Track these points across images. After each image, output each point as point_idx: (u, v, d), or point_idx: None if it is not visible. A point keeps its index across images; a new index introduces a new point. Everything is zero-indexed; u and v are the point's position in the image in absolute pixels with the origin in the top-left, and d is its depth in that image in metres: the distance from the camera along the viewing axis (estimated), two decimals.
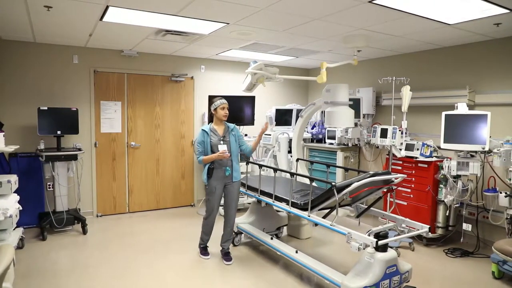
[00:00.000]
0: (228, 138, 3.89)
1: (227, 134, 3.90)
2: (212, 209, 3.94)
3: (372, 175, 3.15)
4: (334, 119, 4.10)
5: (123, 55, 5.60)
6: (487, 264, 3.87)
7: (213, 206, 3.93)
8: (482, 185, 4.30)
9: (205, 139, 3.81)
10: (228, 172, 3.86)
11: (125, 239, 4.64)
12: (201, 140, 3.82)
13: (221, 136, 3.87)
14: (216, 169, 3.83)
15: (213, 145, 3.80)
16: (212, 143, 3.80)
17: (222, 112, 3.86)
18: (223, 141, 3.85)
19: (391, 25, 3.84)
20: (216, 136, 3.85)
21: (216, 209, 3.96)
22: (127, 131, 5.77)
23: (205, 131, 3.84)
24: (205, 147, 3.80)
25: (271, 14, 3.51)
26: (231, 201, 3.97)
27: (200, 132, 3.87)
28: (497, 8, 3.19)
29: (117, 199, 5.75)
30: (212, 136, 3.84)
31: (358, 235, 2.92)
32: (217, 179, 3.84)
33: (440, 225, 4.45)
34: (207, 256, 4.04)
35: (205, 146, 3.80)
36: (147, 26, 4.08)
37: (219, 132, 3.89)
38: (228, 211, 4.01)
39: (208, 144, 3.80)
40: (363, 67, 5.97)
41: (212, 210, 3.94)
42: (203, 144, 3.81)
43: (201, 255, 4.05)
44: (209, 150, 3.80)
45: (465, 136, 4.04)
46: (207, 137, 3.82)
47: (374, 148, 5.73)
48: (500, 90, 4.34)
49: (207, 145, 3.80)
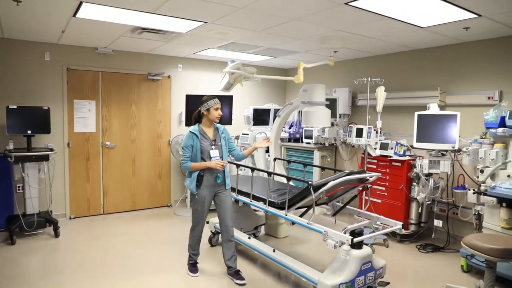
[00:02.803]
0: (219, 142, 3.49)
1: (217, 138, 3.50)
2: (200, 219, 3.55)
3: (347, 174, 3.20)
4: (311, 118, 4.14)
5: (98, 53, 5.47)
6: (456, 258, 4.02)
7: (201, 217, 3.53)
8: (452, 183, 4.47)
9: (194, 143, 3.37)
10: (219, 179, 3.46)
11: (100, 241, 4.55)
12: (189, 144, 3.37)
13: (212, 140, 3.46)
14: (206, 177, 3.41)
15: (203, 150, 3.38)
16: (202, 148, 3.38)
17: (216, 113, 3.41)
18: (214, 146, 3.44)
19: (367, 27, 3.93)
20: (206, 140, 3.43)
21: (204, 219, 3.58)
22: (102, 131, 5.64)
23: (194, 133, 3.39)
24: (194, 152, 3.38)
25: (249, 13, 3.52)
26: (226, 211, 3.54)
27: (188, 135, 3.40)
28: (466, 12, 3.31)
29: (91, 200, 5.62)
30: (202, 139, 3.40)
31: (334, 233, 2.96)
32: (207, 187, 3.44)
33: (413, 222, 4.59)
34: (195, 273, 3.60)
35: (194, 151, 3.37)
36: (123, 23, 4.00)
37: (209, 135, 3.47)
38: (225, 221, 3.55)
39: (197, 148, 3.36)
40: (339, 67, 6.07)
41: (200, 220, 3.55)
42: (191, 149, 3.37)
43: (189, 272, 3.63)
44: (198, 156, 3.38)
45: (436, 136, 4.17)
46: (197, 140, 3.37)
47: (350, 147, 5.84)
48: (468, 92, 4.51)
49: (196, 150, 3.36)
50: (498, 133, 3.67)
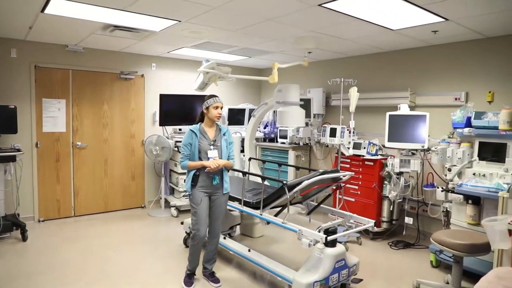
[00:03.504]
0: (219, 143, 3.37)
1: (218, 138, 3.39)
2: (200, 223, 3.30)
3: (321, 173, 3.25)
4: (285, 118, 4.17)
5: (68, 50, 5.31)
6: (426, 254, 4.15)
7: (200, 220, 3.30)
8: (422, 181, 4.61)
9: (193, 142, 3.29)
10: (216, 181, 3.32)
11: (71, 244, 4.41)
12: (188, 142, 3.30)
13: (211, 140, 3.34)
14: (202, 176, 3.29)
15: (201, 149, 3.28)
16: (200, 147, 3.28)
17: (215, 112, 3.32)
18: (213, 146, 3.33)
19: (340, 29, 3.99)
20: (206, 140, 3.32)
21: (204, 223, 3.33)
22: (72, 131, 5.48)
23: (194, 132, 3.31)
24: (192, 151, 3.30)
25: (223, 13, 3.51)
26: (218, 214, 3.43)
27: (188, 133, 3.34)
28: (434, 16, 3.43)
29: (62, 202, 5.45)
30: (201, 138, 3.31)
31: (308, 231, 3.00)
32: (202, 188, 3.31)
33: (385, 220, 4.70)
34: (189, 286, 3.37)
35: (192, 150, 3.30)
36: (94, 20, 3.90)
37: (210, 134, 3.37)
38: (213, 224, 3.44)
39: (196, 147, 3.28)
40: (313, 68, 6.14)
41: (199, 225, 3.29)
42: (190, 147, 3.29)
43: (183, 285, 3.38)
44: (196, 155, 3.29)
45: (407, 135, 4.29)
46: (196, 139, 3.29)
47: (324, 147, 5.92)
48: (437, 93, 4.67)
49: (194, 149, 3.28)
50: (464, 133, 3.82)
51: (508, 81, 4.05)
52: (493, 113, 3.68)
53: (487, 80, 4.22)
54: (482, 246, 2.89)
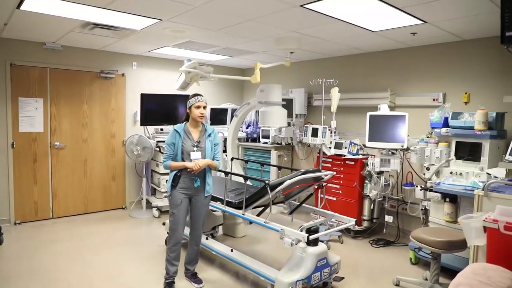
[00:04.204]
0: (203, 144, 3.27)
1: (203, 139, 3.29)
2: (177, 225, 3.25)
3: (303, 172, 3.27)
4: (268, 118, 4.18)
5: (46, 48, 5.18)
6: (406, 252, 4.23)
7: (178, 222, 3.24)
8: (402, 180, 4.70)
9: (176, 142, 3.21)
10: (197, 183, 3.24)
11: (50, 247, 4.31)
12: (171, 142, 3.22)
13: (195, 141, 3.25)
14: (183, 177, 3.22)
15: (184, 150, 3.20)
16: (183, 148, 3.20)
17: (196, 111, 3.23)
18: (197, 148, 3.23)
19: (321, 29, 4.03)
20: (189, 140, 3.23)
21: (181, 226, 3.28)
22: (50, 131, 5.35)
23: (177, 131, 3.22)
24: (175, 151, 3.22)
25: (205, 12, 3.49)
26: (198, 216, 3.35)
27: (172, 132, 3.25)
28: (413, 19, 3.50)
29: (39, 204, 5.31)
30: (185, 139, 3.23)
31: (290, 231, 3.02)
32: (183, 189, 3.23)
33: (366, 218, 4.77)
34: None
35: (175, 150, 3.21)
36: (73, 18, 3.81)
37: (194, 135, 3.27)
38: (194, 227, 3.39)
39: (179, 148, 3.20)
40: (295, 68, 6.17)
41: (176, 226, 3.25)
42: (173, 147, 3.21)
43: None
44: (179, 155, 3.20)
45: (387, 135, 4.37)
46: (179, 139, 3.21)
47: (306, 147, 5.96)
48: (416, 93, 4.77)
49: (177, 149, 3.20)
50: (442, 133, 3.91)
51: (483, 83, 4.18)
52: (469, 114, 3.78)
53: (463, 82, 4.34)
54: (459, 243, 2.98)
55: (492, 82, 4.10)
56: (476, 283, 1.54)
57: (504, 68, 3.94)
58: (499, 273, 1.65)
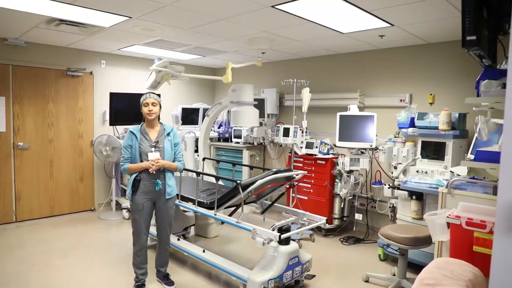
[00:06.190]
0: (162, 144, 3.15)
1: (161, 139, 3.17)
2: (139, 231, 3.15)
3: (275, 172, 3.29)
4: (239, 118, 4.18)
5: (8, 44, 4.95)
6: (375, 248, 4.34)
7: (140, 228, 3.14)
8: (371, 179, 4.82)
9: (133, 143, 3.08)
10: (158, 186, 3.11)
11: (14, 251, 4.13)
12: (128, 144, 3.09)
13: (153, 142, 3.13)
14: (143, 181, 3.09)
15: (141, 152, 3.07)
16: (141, 150, 3.07)
17: (145, 109, 3.12)
18: (155, 148, 3.11)
19: (292, 30, 4.07)
20: (146, 141, 3.11)
21: (144, 232, 3.18)
22: (13, 130, 5.12)
23: (133, 133, 3.11)
24: (132, 153, 3.09)
25: (176, 11, 3.45)
26: (163, 219, 3.24)
27: (127, 134, 3.13)
28: (381, 21, 3.59)
29: (1, 207, 5.07)
30: (142, 140, 3.10)
31: (262, 230, 3.03)
32: (144, 194, 3.11)
33: (336, 216, 4.86)
34: None
35: (133, 152, 3.08)
36: (37, 13, 3.66)
37: (151, 135, 3.15)
38: (160, 228, 3.29)
39: (136, 149, 3.07)
40: (267, 68, 6.20)
41: (139, 232, 3.15)
42: (130, 149, 3.08)
43: None
44: (137, 158, 3.07)
45: (356, 135, 4.47)
46: (136, 140, 3.08)
47: (278, 147, 6.00)
48: (384, 94, 4.90)
49: (135, 151, 3.07)
50: (408, 133, 4.04)
51: (447, 84, 4.35)
52: (434, 114, 3.93)
53: (428, 83, 4.50)
54: (424, 238, 3.08)
55: (455, 84, 4.28)
56: (440, 277, 1.60)
57: (466, 70, 4.11)
58: (461, 267, 1.71)
